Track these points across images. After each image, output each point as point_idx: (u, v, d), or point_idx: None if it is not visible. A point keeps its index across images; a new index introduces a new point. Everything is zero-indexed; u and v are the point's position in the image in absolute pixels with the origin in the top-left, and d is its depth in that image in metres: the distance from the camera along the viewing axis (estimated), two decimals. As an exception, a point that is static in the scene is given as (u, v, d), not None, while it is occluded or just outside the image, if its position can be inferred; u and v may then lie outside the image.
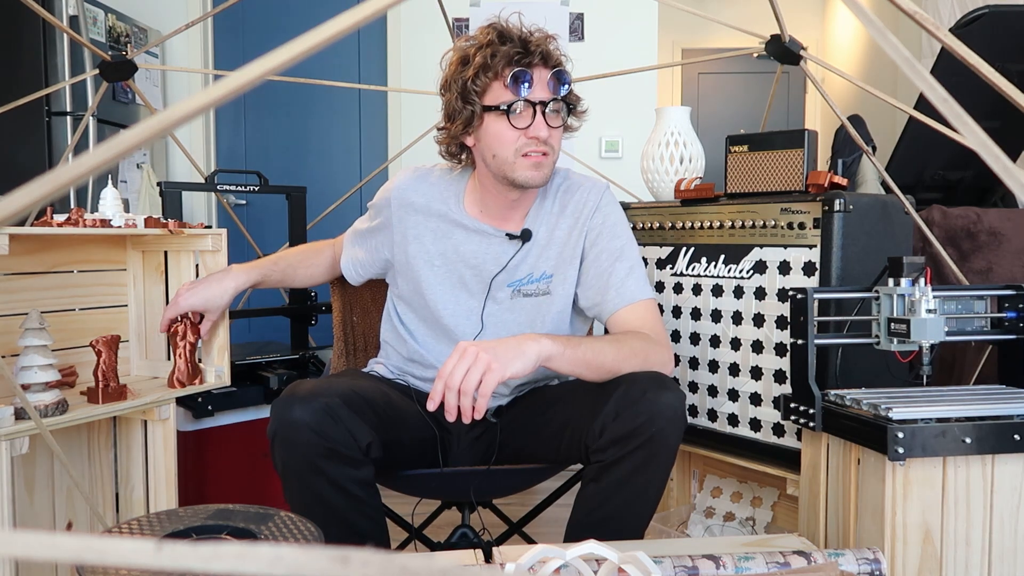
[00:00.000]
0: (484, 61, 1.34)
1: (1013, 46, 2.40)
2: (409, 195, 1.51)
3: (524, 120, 1.36)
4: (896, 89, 3.84)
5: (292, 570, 0.24)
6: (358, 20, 0.30)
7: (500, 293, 1.47)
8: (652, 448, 1.23)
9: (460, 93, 1.37)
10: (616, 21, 3.55)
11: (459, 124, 1.39)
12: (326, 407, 1.21)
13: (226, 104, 1.90)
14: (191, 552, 0.25)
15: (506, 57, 1.33)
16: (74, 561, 0.25)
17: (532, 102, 1.35)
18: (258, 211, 3.73)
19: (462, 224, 1.48)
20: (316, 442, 1.20)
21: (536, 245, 1.48)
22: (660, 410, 1.22)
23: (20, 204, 0.28)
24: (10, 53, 2.96)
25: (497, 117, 1.36)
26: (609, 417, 1.24)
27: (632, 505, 1.28)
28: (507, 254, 1.47)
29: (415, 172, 1.54)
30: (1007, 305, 1.40)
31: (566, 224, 1.48)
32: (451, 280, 1.49)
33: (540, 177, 1.39)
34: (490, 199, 1.47)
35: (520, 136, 1.36)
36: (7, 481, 1.26)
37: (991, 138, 0.32)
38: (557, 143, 1.41)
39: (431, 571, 0.24)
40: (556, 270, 1.48)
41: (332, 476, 1.22)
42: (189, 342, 1.59)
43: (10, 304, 1.47)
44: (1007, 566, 1.20)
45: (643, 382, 1.25)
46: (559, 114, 1.39)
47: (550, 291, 1.48)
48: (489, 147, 1.39)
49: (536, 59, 1.35)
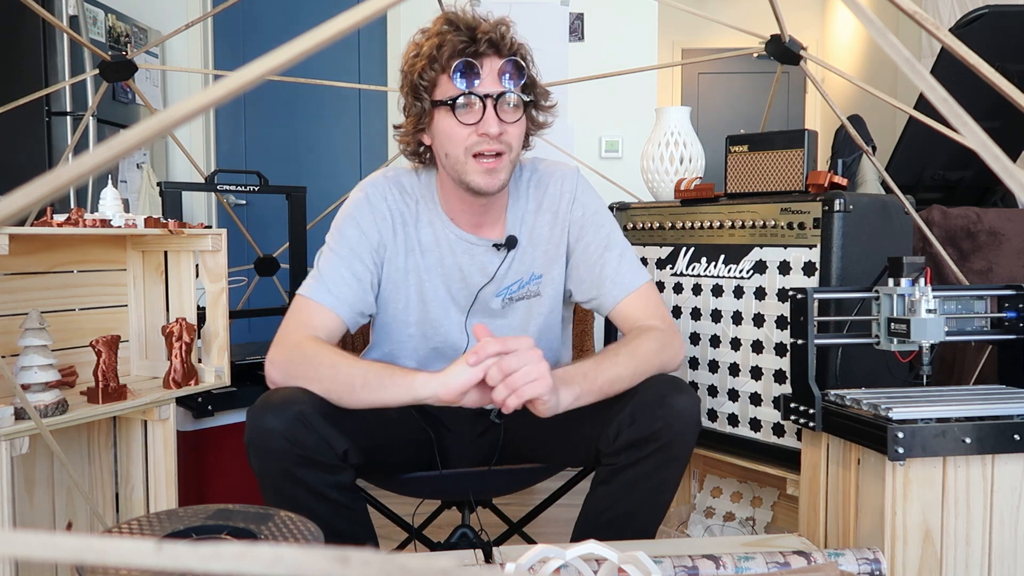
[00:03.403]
0: (431, 53, 1.25)
1: (1013, 46, 2.41)
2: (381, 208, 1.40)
3: (472, 115, 1.25)
4: (896, 89, 3.84)
5: (292, 570, 0.24)
6: (358, 20, 0.30)
7: (492, 304, 1.42)
8: (668, 452, 1.22)
9: (411, 88, 1.29)
10: (616, 21, 3.54)
11: (411, 121, 1.32)
12: (298, 415, 1.17)
13: (226, 104, 1.90)
14: (191, 552, 0.25)
15: (452, 47, 1.24)
16: (74, 561, 0.25)
17: (480, 95, 1.25)
18: (258, 211, 3.73)
19: (446, 234, 1.41)
20: (289, 450, 1.17)
21: (519, 248, 1.41)
22: (677, 415, 1.21)
23: (20, 204, 0.28)
24: (10, 53, 2.96)
25: (446, 113, 1.27)
26: (625, 422, 1.23)
27: (643, 508, 1.27)
28: (493, 264, 1.41)
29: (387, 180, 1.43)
30: (1007, 305, 1.40)
31: (545, 221, 1.42)
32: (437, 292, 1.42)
33: (495, 183, 1.29)
34: (457, 204, 1.38)
35: (471, 133, 1.26)
36: (7, 481, 1.26)
37: (991, 138, 0.32)
38: (516, 140, 1.30)
39: (431, 571, 0.24)
40: (543, 270, 1.43)
41: (309, 483, 1.19)
42: (184, 342, 1.59)
43: (10, 304, 1.47)
44: (1007, 566, 1.20)
45: (660, 386, 1.24)
46: (516, 108, 1.28)
47: (540, 292, 1.43)
48: (442, 146, 1.30)
49: (484, 47, 1.24)
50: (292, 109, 3.78)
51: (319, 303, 1.32)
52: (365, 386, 1.20)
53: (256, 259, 2.43)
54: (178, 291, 1.68)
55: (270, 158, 3.76)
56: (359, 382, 1.20)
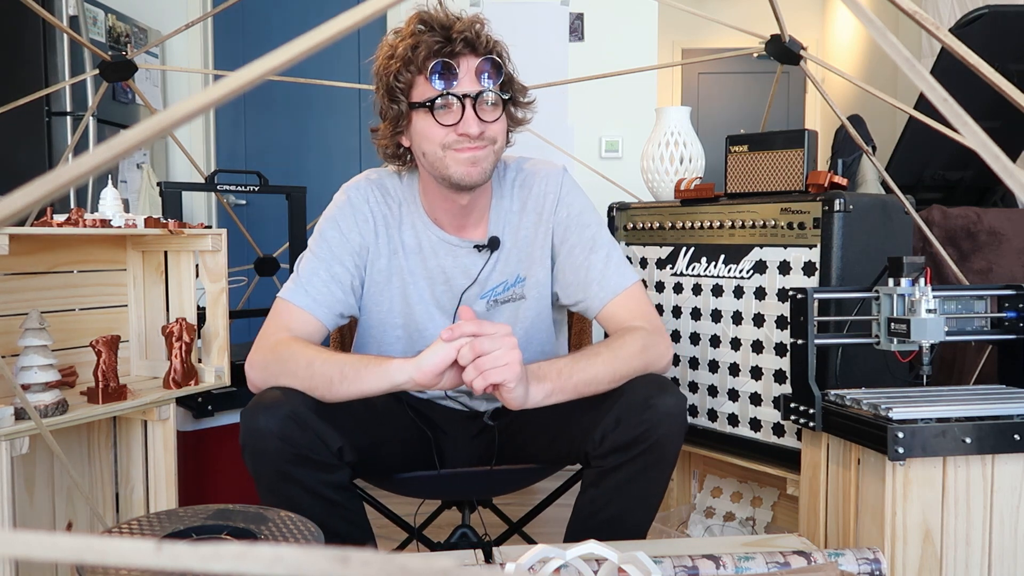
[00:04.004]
0: (406, 54, 1.24)
1: (1013, 46, 2.41)
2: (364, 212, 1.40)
3: (451, 116, 1.25)
4: (896, 89, 3.84)
5: (292, 570, 0.24)
6: (358, 20, 0.30)
7: (476, 306, 1.40)
8: (654, 454, 1.22)
9: (386, 91, 1.28)
10: (616, 21, 3.54)
11: (388, 124, 1.31)
12: (292, 413, 1.17)
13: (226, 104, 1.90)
14: (191, 552, 0.25)
15: (427, 48, 1.23)
16: (74, 561, 0.25)
17: (459, 95, 1.24)
18: (258, 211, 3.73)
19: (428, 236, 1.40)
20: (284, 449, 1.16)
21: (503, 250, 1.40)
22: (662, 417, 1.20)
23: (20, 204, 0.28)
24: (10, 53, 2.96)
25: (425, 114, 1.26)
26: (610, 426, 1.22)
27: (633, 509, 1.27)
28: (476, 266, 1.40)
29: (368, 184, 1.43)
30: (1007, 305, 1.40)
31: (529, 222, 1.40)
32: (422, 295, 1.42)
33: (477, 173, 1.28)
34: (439, 204, 1.37)
35: (449, 133, 1.26)
36: (7, 481, 1.26)
37: (991, 138, 0.32)
38: (500, 136, 1.30)
39: (431, 571, 0.24)
40: (528, 272, 1.41)
41: (305, 482, 1.19)
42: (184, 342, 1.59)
43: (10, 304, 1.47)
44: (1007, 566, 1.20)
45: (644, 388, 1.23)
46: (495, 106, 1.28)
47: (525, 295, 1.42)
48: (419, 146, 1.30)
49: (460, 47, 1.24)
50: (292, 109, 3.78)
51: (297, 306, 1.32)
52: (343, 379, 1.20)
53: (256, 259, 2.43)
54: (178, 291, 1.68)
55: (270, 158, 3.76)
56: (336, 376, 1.20)
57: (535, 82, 1.58)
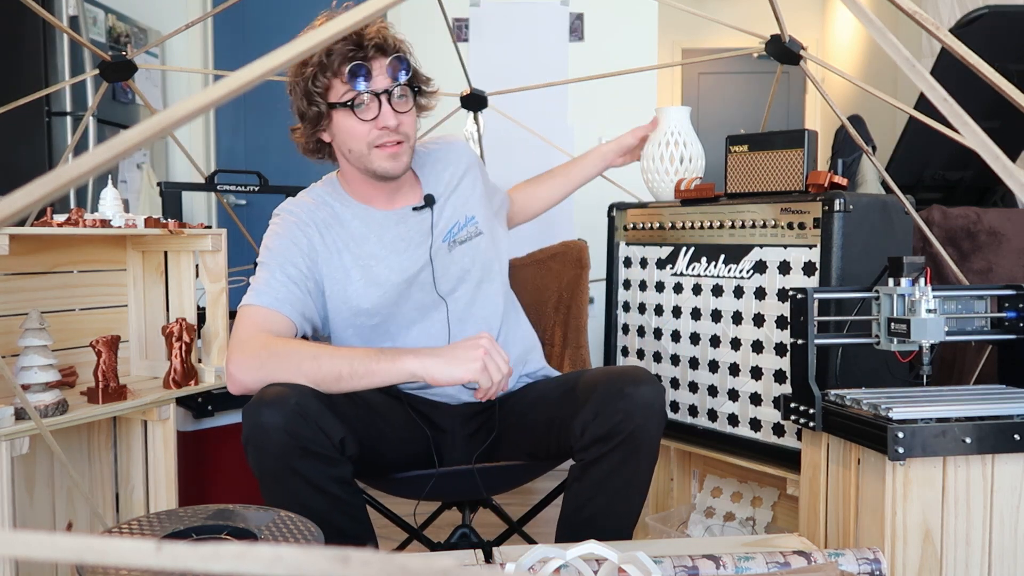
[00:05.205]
0: (320, 61, 1.35)
1: (1013, 46, 2.41)
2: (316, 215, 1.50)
3: (371, 112, 1.37)
4: (896, 89, 3.84)
5: (292, 570, 0.24)
6: (358, 20, 0.30)
7: (439, 250, 1.50)
8: (632, 444, 1.25)
9: (304, 95, 1.38)
10: (616, 21, 3.55)
11: (308, 124, 1.42)
12: (295, 406, 1.19)
13: (226, 104, 1.90)
14: (191, 552, 0.25)
15: (341, 55, 1.34)
16: (74, 561, 0.25)
17: (375, 92, 1.36)
18: (258, 211, 3.73)
19: (371, 216, 1.49)
20: (289, 442, 1.18)
21: (444, 200, 1.54)
22: (637, 406, 1.24)
23: (20, 204, 0.28)
24: (10, 53, 2.96)
25: (345, 113, 1.38)
26: (588, 417, 1.26)
27: (617, 502, 1.29)
28: (426, 221, 1.51)
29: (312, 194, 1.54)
30: (1007, 305, 1.40)
31: (458, 173, 1.57)
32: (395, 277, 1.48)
33: (399, 167, 1.42)
34: (368, 191, 1.49)
35: (371, 128, 1.38)
36: (7, 481, 1.26)
37: (991, 138, 0.32)
38: (411, 128, 1.43)
39: (431, 571, 0.24)
40: (475, 211, 1.56)
41: (309, 476, 1.20)
42: (184, 343, 1.59)
43: (10, 304, 1.47)
44: (1007, 566, 1.20)
45: (620, 379, 1.27)
46: (406, 99, 1.41)
47: (481, 231, 1.55)
48: (344, 143, 1.42)
49: (372, 51, 1.36)
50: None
51: (264, 307, 1.36)
52: (352, 375, 1.25)
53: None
54: (178, 291, 1.68)
55: (270, 158, 3.76)
56: (346, 371, 1.25)
57: (535, 82, 1.58)
